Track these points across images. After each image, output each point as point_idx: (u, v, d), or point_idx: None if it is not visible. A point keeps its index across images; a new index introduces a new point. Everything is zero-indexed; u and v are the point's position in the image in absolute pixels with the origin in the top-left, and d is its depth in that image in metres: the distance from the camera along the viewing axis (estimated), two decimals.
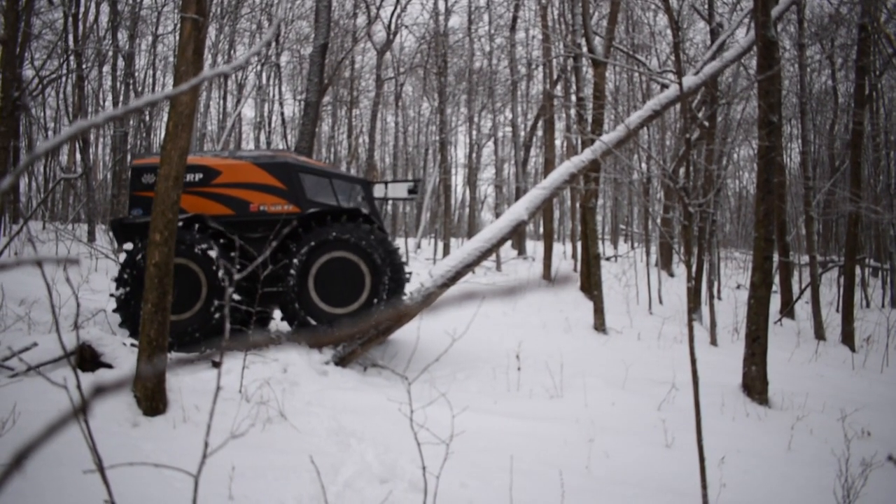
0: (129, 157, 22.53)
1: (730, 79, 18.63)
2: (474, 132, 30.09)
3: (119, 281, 8.62)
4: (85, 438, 1.49)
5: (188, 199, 8.97)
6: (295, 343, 8.40)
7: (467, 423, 5.43)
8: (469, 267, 8.55)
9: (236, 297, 8.55)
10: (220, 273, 6.21)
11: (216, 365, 7.07)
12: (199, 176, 9.13)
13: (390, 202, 27.05)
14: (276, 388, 6.63)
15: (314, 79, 15.03)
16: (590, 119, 13.86)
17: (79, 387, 0.88)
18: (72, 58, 21.33)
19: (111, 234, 10.54)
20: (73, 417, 0.83)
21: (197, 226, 8.74)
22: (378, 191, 10.60)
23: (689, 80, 9.76)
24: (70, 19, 21.40)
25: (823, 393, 8.87)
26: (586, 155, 9.52)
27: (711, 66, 10.11)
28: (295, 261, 8.66)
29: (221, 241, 8.84)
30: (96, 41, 23.67)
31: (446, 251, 24.35)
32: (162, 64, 28.19)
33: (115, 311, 8.73)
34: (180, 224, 8.60)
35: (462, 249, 8.70)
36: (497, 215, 27.01)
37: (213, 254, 8.37)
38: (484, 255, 8.66)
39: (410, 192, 10.75)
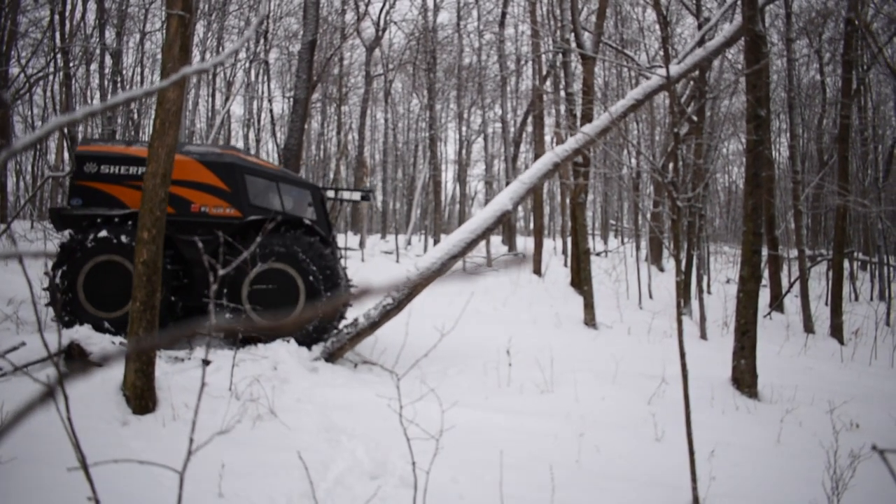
0: None
1: (719, 74, 18.70)
2: (464, 128, 30.09)
3: (51, 287, 8.30)
4: (69, 436, 1.48)
5: (129, 192, 8.68)
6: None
7: (458, 418, 5.43)
8: (455, 258, 8.53)
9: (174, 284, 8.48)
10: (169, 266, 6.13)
11: (206, 363, 7.05)
12: (141, 170, 8.62)
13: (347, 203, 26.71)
14: (266, 385, 6.62)
15: (303, 75, 14.98)
16: (579, 114, 13.87)
17: (61, 382, 0.87)
18: (59, 56, 21.18)
19: (51, 222, 10.31)
20: (39, 404, 0.82)
21: (117, 219, 8.46)
22: (330, 192, 10.62)
23: (673, 68, 9.77)
24: (57, 17, 21.25)
25: (812, 386, 8.92)
26: (570, 144, 9.53)
27: (694, 55, 10.12)
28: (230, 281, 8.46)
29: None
30: (83, 39, 23.50)
31: None
32: (150, 61, 28.06)
33: (55, 319, 8.41)
34: (117, 220, 8.44)
35: (448, 240, 8.67)
36: None
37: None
38: (470, 245, 8.63)
39: (363, 198, 10.79)
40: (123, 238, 8.27)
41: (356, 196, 10.96)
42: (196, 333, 7.53)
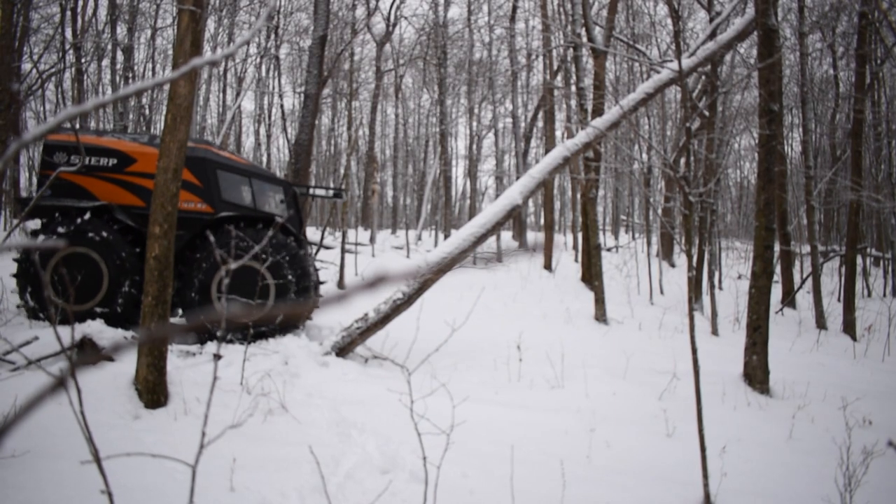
0: None
1: (730, 68, 18.58)
2: (474, 123, 30.04)
3: (24, 279, 8.33)
4: (81, 429, 1.49)
5: (99, 184, 8.70)
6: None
7: (468, 413, 5.43)
8: (465, 252, 8.54)
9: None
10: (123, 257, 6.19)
11: (217, 357, 7.08)
12: (112, 161, 8.77)
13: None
14: (277, 379, 6.64)
15: (314, 71, 15.00)
16: (590, 109, 13.82)
17: (73, 373, 0.87)
18: (70, 51, 21.27)
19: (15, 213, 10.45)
20: (50, 393, 0.82)
21: (77, 214, 8.48)
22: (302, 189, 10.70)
23: (685, 62, 9.72)
24: (68, 13, 21.33)
25: (824, 382, 8.87)
26: (580, 138, 9.51)
27: (706, 49, 10.06)
28: (200, 276, 8.52)
29: (120, 229, 8.61)
30: (95, 35, 23.59)
31: None
32: (161, 57, 28.10)
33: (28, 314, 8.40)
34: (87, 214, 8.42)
35: (457, 235, 8.68)
36: None
37: (111, 238, 8.31)
38: (479, 239, 8.64)
39: (336, 195, 10.83)
40: (91, 231, 8.31)
41: (329, 193, 11.04)
42: (206, 325, 7.57)
